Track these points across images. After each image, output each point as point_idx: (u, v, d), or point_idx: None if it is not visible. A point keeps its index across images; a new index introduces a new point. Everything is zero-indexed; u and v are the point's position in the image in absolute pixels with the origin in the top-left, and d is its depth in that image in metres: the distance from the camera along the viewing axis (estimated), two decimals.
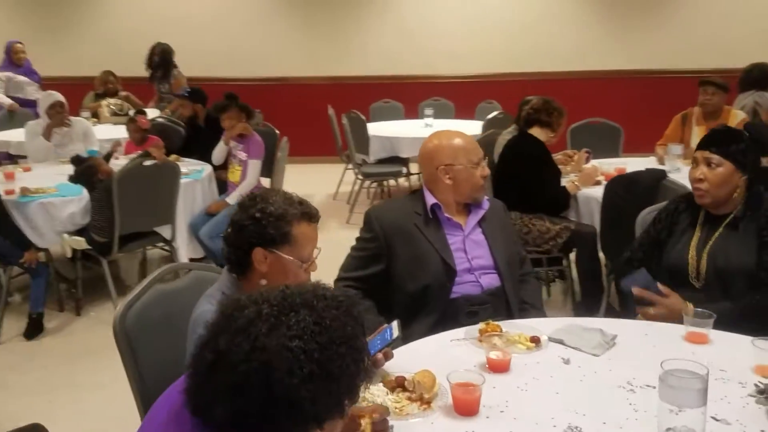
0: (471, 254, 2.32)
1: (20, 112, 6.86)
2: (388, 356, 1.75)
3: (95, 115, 7.01)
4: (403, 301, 2.29)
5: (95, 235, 3.80)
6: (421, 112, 7.00)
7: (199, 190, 4.36)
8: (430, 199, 2.33)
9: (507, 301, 2.32)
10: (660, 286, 2.22)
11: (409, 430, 1.53)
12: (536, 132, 3.98)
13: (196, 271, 2.05)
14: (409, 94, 7.91)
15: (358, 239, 2.41)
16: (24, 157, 5.42)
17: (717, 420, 1.56)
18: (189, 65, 7.62)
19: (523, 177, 3.86)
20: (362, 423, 1.30)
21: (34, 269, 3.79)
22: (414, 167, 7.39)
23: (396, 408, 1.60)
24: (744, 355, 1.82)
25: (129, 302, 1.82)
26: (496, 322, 2.03)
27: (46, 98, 5.09)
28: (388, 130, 6.49)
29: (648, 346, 1.95)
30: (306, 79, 8.67)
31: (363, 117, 6.37)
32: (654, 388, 1.67)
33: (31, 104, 6.89)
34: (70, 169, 4.13)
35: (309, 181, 7.77)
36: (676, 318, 2.10)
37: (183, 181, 4.24)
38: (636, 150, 5.39)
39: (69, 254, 3.95)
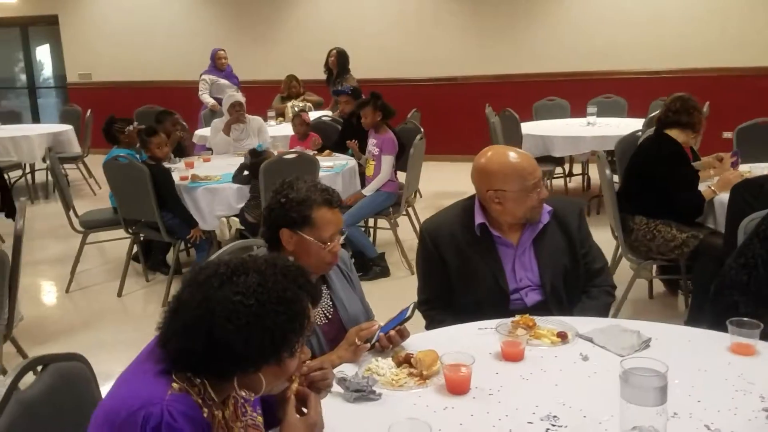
0: (519, 274, 2.29)
1: (220, 111, 7.85)
2: (403, 334, 1.92)
3: (281, 115, 7.80)
4: (464, 313, 2.25)
5: (248, 215, 4.35)
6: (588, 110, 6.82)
7: (340, 182, 4.74)
8: (479, 218, 2.28)
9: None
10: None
11: (396, 400, 1.68)
12: (675, 134, 3.75)
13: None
14: (577, 92, 7.70)
15: (417, 258, 2.45)
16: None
17: (710, 429, 1.51)
18: (364, 68, 8.13)
19: (655, 179, 3.68)
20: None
21: (198, 244, 4.47)
22: (576, 167, 7.28)
23: (393, 380, 1.76)
24: None
25: None
26: (532, 317, 2.08)
27: (228, 99, 5.84)
28: (541, 129, 6.42)
29: (684, 353, 1.89)
30: (474, 78, 8.81)
31: (516, 115, 6.37)
32: None
33: None
34: (241, 160, 4.73)
35: (464, 179, 7.91)
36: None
37: (325, 173, 4.66)
38: None
39: (226, 236, 4.55)
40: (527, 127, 6.45)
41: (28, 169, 7.97)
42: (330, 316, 2.02)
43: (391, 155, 4.65)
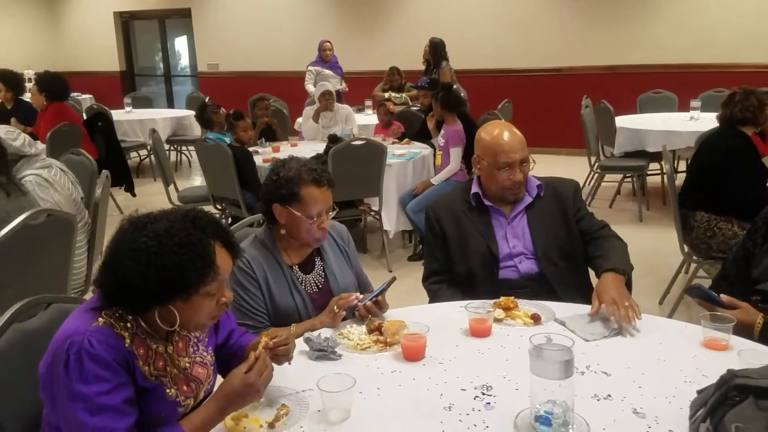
0: (512, 242, 2.38)
1: None
2: (381, 306, 2.06)
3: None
4: (460, 284, 2.41)
5: None
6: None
7: (411, 170, 4.88)
8: (474, 188, 2.44)
9: (550, 285, 2.34)
10: (724, 297, 2.03)
11: (354, 361, 1.83)
12: (745, 128, 3.62)
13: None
14: (687, 85, 7.32)
15: (426, 235, 2.57)
16: None
17: (636, 413, 1.54)
18: (465, 58, 8.19)
19: (722, 174, 3.54)
20: (261, 340, 1.65)
21: None
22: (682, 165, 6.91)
23: (358, 344, 1.91)
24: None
25: None
26: (516, 299, 2.14)
27: (319, 88, 6.15)
28: (636, 122, 6.19)
29: (653, 343, 1.89)
30: (579, 69, 8.59)
31: (611, 107, 6.19)
32: (607, 374, 1.71)
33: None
34: (324, 145, 5.01)
35: (561, 172, 7.77)
36: (744, 331, 1.92)
37: (397, 160, 4.83)
38: None
39: None
40: (622, 121, 6.25)
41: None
42: (321, 286, 2.19)
43: (457, 147, 4.72)
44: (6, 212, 2.57)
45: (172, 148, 8.85)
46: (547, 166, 8.46)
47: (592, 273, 2.54)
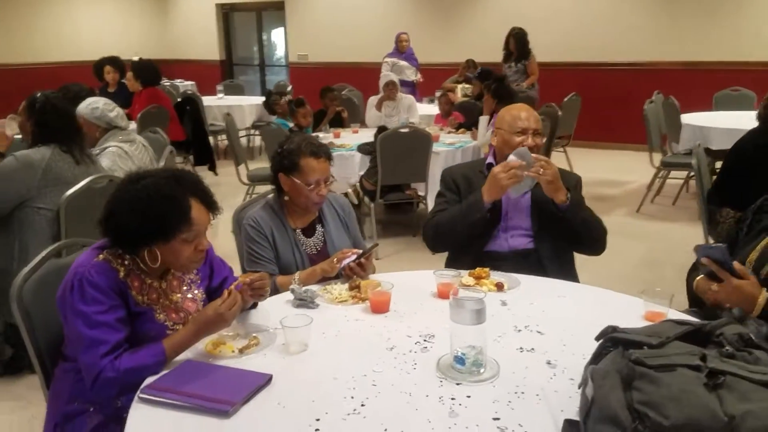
0: (511, 213, 2.61)
1: None
2: (365, 268, 2.34)
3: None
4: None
5: (366, 181, 4.93)
6: None
7: (459, 158, 5.09)
8: (490, 158, 2.71)
9: (536, 261, 2.54)
10: (737, 265, 1.92)
11: (327, 310, 2.12)
12: None
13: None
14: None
15: (438, 194, 2.83)
16: None
17: (548, 363, 1.75)
18: (542, 51, 8.22)
19: (747, 171, 3.55)
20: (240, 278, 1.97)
21: None
22: None
23: (336, 297, 2.20)
24: None
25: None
26: (491, 271, 2.37)
27: (383, 78, 6.46)
28: (701, 119, 6.09)
29: (595, 313, 2.06)
30: (661, 64, 8.42)
31: (677, 103, 6.12)
32: (541, 334, 1.93)
33: (408, 84, 8.48)
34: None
35: (629, 168, 7.71)
36: (746, 305, 1.83)
37: (446, 149, 5.07)
38: None
39: (354, 200, 5.17)
40: (689, 117, 6.17)
41: (243, 133, 9.40)
42: (319, 249, 2.51)
43: None
44: (74, 176, 3.05)
45: (255, 132, 9.43)
46: (620, 162, 8.50)
47: (578, 257, 2.74)
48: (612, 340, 1.49)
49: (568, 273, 2.63)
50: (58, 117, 3.03)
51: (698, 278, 2.05)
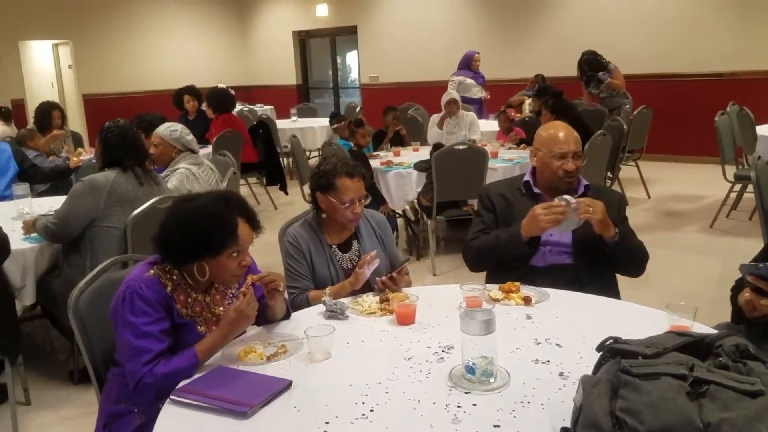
0: (549, 230, 2.57)
1: None
2: (397, 282, 2.41)
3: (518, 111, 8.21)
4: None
5: (423, 198, 5.01)
6: None
7: (516, 174, 5.08)
8: (527, 176, 2.73)
9: (579, 278, 2.54)
10: None
11: (356, 322, 2.21)
12: None
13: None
14: None
15: (475, 213, 2.89)
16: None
17: (561, 375, 1.77)
18: (631, 63, 8.07)
19: None
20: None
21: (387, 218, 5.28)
22: None
23: (366, 310, 2.29)
24: None
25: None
26: (518, 284, 2.39)
27: (445, 96, 6.54)
28: None
29: (619, 326, 2.05)
30: (742, 74, 8.10)
31: (752, 115, 5.88)
32: (560, 346, 1.95)
33: (475, 102, 8.51)
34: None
35: (705, 182, 7.44)
36: None
37: (503, 165, 5.08)
38: None
39: (412, 217, 5.25)
40: (764, 129, 5.93)
41: (315, 154, 9.70)
42: (354, 264, 2.61)
43: None
44: (137, 196, 3.29)
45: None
46: (687, 175, 8.23)
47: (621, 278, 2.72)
48: (611, 351, 1.50)
49: (608, 288, 2.61)
50: (122, 142, 3.29)
51: (746, 294, 2.03)
